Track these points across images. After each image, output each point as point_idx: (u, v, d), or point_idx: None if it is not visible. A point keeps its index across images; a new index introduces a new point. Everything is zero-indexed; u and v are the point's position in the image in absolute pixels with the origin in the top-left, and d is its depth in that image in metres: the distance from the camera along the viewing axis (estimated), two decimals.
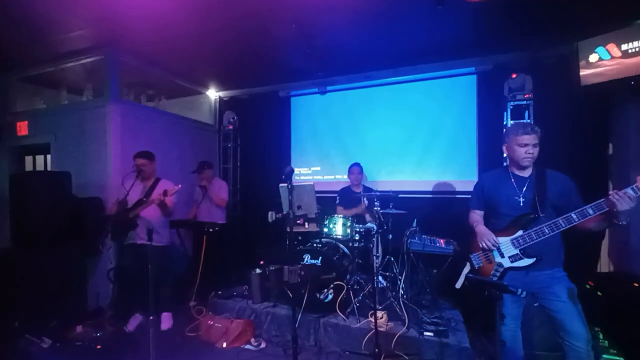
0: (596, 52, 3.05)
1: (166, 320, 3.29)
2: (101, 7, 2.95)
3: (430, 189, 4.35)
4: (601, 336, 2.40)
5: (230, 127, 5.36)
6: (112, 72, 3.82)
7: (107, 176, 3.75)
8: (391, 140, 4.59)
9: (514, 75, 3.73)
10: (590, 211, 1.71)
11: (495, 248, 1.94)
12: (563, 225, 1.77)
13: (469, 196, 2.25)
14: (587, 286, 2.83)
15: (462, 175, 4.20)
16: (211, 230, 3.70)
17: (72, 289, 3.45)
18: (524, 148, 1.90)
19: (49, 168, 4.43)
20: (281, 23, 3.21)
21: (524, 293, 1.60)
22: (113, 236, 3.23)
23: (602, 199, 1.69)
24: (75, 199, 3.62)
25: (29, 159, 4.77)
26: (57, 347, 2.82)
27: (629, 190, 1.62)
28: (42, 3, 2.88)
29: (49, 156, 4.34)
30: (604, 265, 3.48)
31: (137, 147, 3.33)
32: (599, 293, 2.71)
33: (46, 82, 4.63)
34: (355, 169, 3.96)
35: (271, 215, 2.41)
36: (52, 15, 3.07)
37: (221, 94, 5.48)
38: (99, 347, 2.76)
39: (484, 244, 1.96)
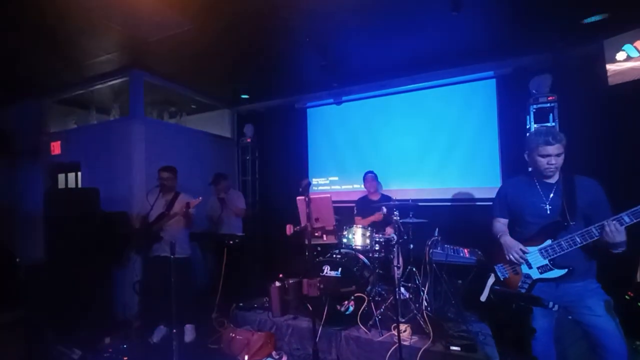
0: (623, 50, 2.93)
1: (189, 332, 3.33)
2: (126, 33, 3.13)
3: (451, 196, 4.24)
4: None
5: (249, 140, 5.46)
6: (136, 92, 4.01)
7: (132, 191, 3.90)
8: (409, 147, 4.53)
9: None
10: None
11: (523, 261, 1.84)
12: (597, 234, 1.66)
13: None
14: (626, 297, 2.65)
15: (484, 182, 4.07)
16: (231, 242, 3.75)
17: (101, 301, 3.57)
18: (546, 159, 1.79)
19: (79, 185, 4.67)
20: (296, 37, 3.28)
21: (556, 306, 1.51)
22: (137, 249, 3.36)
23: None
24: (103, 213, 3.77)
25: (61, 177, 5.04)
26: (87, 358, 2.90)
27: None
28: (73, 32, 3.10)
29: (79, 173, 4.57)
30: None
31: (161, 163, 3.45)
32: (639, 304, 2.54)
33: (77, 103, 4.93)
34: (369, 176, 3.98)
35: (289, 229, 2.41)
36: (82, 42, 3.29)
37: (239, 108, 5.62)
38: (125, 358, 2.85)
39: (511, 257, 1.87)
